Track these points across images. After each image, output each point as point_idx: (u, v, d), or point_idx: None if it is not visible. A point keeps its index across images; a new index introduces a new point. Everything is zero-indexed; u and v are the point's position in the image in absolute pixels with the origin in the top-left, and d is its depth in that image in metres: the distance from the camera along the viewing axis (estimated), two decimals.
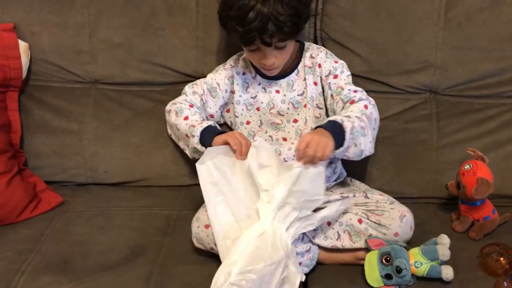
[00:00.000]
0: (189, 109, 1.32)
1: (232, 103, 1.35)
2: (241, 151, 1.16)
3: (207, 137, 1.22)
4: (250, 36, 1.15)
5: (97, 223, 1.32)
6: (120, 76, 1.46)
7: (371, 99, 1.24)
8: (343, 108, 1.23)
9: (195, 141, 1.24)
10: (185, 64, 1.44)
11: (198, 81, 1.38)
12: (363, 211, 1.20)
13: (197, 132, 1.24)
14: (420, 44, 1.37)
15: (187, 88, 1.37)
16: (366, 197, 1.25)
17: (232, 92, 1.34)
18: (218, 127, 1.30)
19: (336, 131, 1.11)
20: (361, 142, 1.16)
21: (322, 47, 1.33)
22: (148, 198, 1.41)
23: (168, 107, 1.36)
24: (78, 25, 1.43)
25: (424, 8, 1.36)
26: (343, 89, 1.25)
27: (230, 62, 1.36)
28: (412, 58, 1.38)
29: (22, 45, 1.41)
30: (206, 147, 1.21)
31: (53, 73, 1.47)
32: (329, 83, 1.28)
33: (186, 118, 1.29)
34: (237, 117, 1.34)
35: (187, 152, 1.32)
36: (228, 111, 1.37)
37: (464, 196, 1.21)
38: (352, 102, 1.22)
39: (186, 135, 1.28)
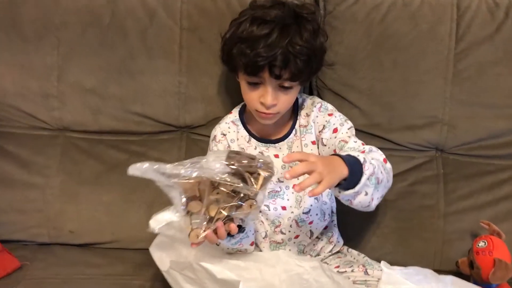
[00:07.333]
0: None
1: None
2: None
3: None
4: (258, 61, 1.01)
5: None
6: (91, 124, 1.32)
7: (383, 153, 1.08)
8: None
9: None
10: (165, 112, 1.31)
11: None
12: None
13: None
14: (427, 98, 1.25)
15: None
16: (366, 273, 1.10)
17: None
18: None
19: (354, 169, 0.93)
20: (372, 194, 0.99)
21: (317, 99, 1.19)
22: (119, 264, 1.25)
23: None
24: (45, 66, 1.30)
25: (432, 58, 1.24)
26: (347, 142, 1.09)
27: (218, 132, 1.18)
28: (418, 112, 1.26)
29: None
30: None
31: (16, 119, 1.33)
32: (326, 138, 1.13)
33: None
34: None
35: None
36: None
37: (479, 278, 1.07)
38: (363, 152, 1.04)
39: None
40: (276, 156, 1.16)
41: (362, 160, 0.95)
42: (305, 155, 0.90)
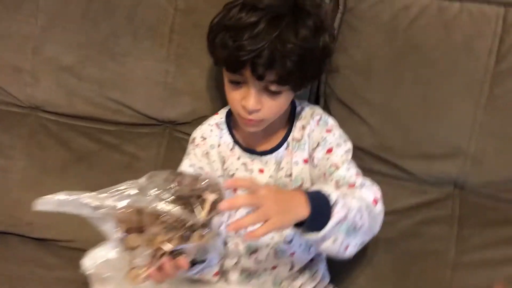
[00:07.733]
0: None
1: None
2: None
3: None
4: (240, 56, 0.84)
5: None
6: (65, 106, 1.18)
7: (379, 191, 0.91)
8: None
9: None
10: (147, 103, 1.16)
11: None
12: None
13: None
14: (451, 124, 1.06)
15: None
16: None
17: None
18: None
19: (320, 211, 0.77)
20: (343, 242, 0.81)
21: (317, 111, 1.01)
22: (72, 269, 1.06)
23: None
24: (21, 36, 1.17)
25: (464, 77, 1.04)
26: (338, 168, 0.92)
27: (198, 134, 1.03)
28: (438, 139, 1.07)
29: None
30: None
31: None
32: (318, 158, 0.95)
33: None
34: None
35: None
36: None
37: None
38: (352, 186, 0.89)
39: None
40: (261, 171, 0.99)
41: (332, 201, 0.77)
42: (254, 185, 0.74)
